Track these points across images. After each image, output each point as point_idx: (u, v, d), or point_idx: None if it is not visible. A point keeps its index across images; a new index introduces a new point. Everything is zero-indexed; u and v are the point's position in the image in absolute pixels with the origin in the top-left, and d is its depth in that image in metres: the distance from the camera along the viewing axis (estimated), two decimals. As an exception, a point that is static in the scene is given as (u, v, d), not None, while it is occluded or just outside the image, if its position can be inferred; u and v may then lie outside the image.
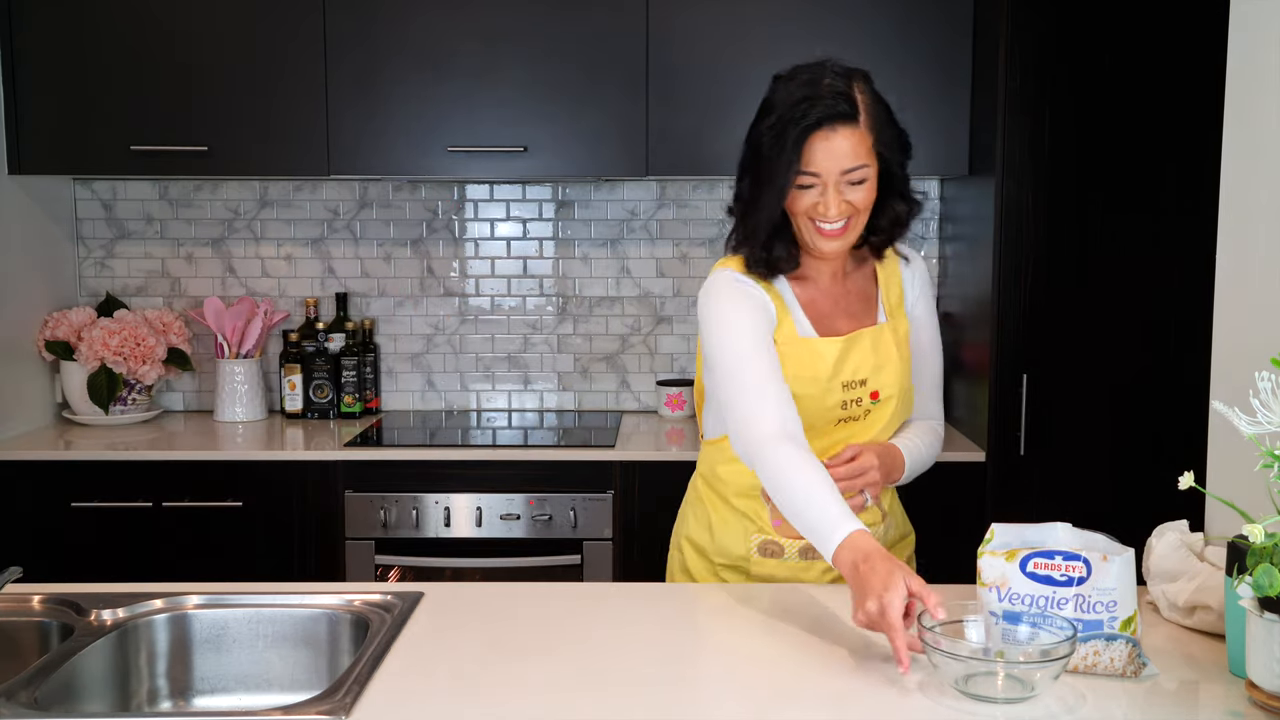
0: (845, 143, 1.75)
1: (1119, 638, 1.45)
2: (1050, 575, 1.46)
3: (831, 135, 1.74)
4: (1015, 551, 1.50)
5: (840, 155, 1.75)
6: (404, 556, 2.99)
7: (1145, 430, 2.89)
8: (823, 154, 1.74)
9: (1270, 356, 1.43)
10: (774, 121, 1.76)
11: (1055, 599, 1.46)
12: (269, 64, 3.12)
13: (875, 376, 1.90)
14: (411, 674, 1.52)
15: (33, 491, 2.98)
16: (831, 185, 1.76)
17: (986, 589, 1.51)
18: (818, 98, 1.74)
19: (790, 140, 1.74)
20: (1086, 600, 1.45)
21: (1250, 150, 1.78)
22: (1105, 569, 1.45)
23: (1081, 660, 1.47)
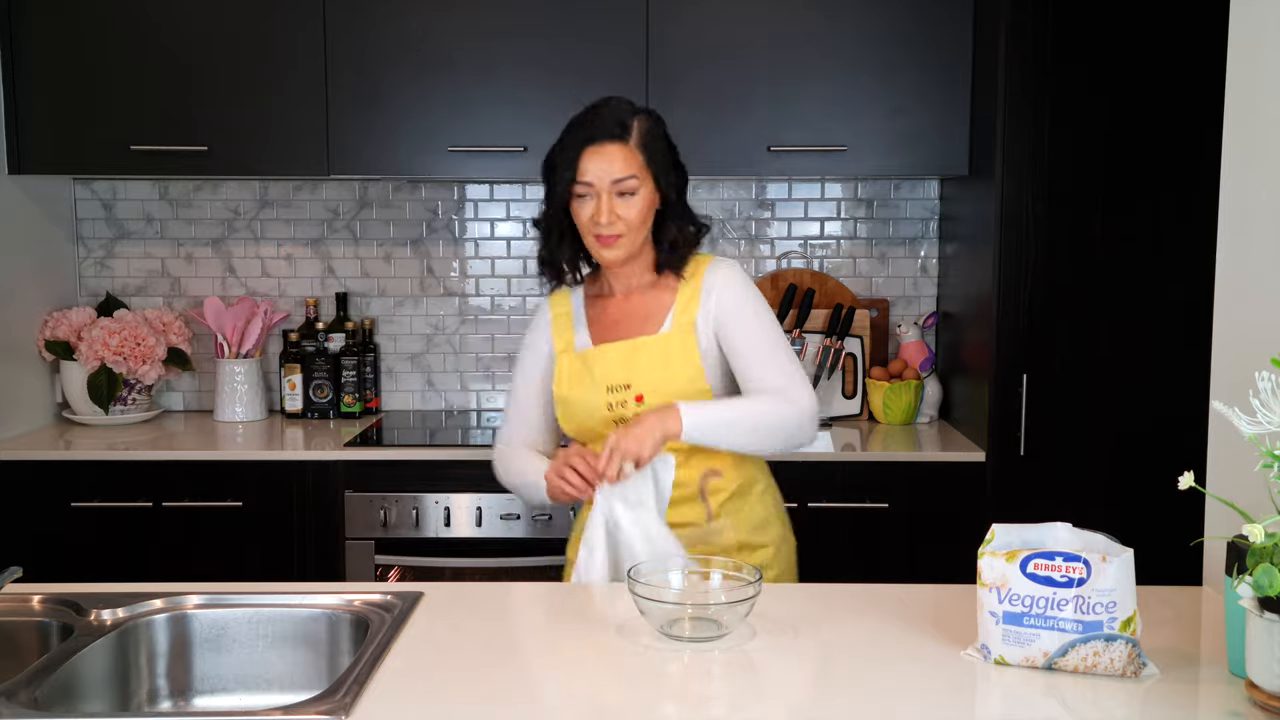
0: (615, 156, 1.98)
1: (1119, 638, 1.46)
2: (1050, 576, 1.47)
3: (602, 149, 1.98)
4: (1016, 552, 1.50)
5: (609, 167, 1.97)
6: (404, 556, 2.99)
7: (1145, 430, 2.89)
8: (593, 164, 1.97)
9: (1270, 356, 1.43)
10: (558, 141, 2.02)
11: (1055, 600, 1.47)
12: (269, 64, 3.12)
13: (639, 380, 2.02)
14: (411, 674, 1.52)
15: (33, 491, 2.98)
16: (604, 194, 1.97)
17: (987, 589, 1.51)
18: (595, 120, 2.00)
19: (568, 155, 1.99)
20: (1086, 601, 1.45)
21: (1250, 150, 1.78)
22: (1104, 570, 1.45)
23: (1081, 661, 1.47)
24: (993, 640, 1.51)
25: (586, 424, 2.06)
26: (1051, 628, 1.47)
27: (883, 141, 3.11)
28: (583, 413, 2.06)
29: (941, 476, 2.97)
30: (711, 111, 3.09)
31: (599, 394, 2.03)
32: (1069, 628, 1.46)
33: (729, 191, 3.51)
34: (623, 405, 2.02)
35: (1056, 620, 1.47)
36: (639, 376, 2.02)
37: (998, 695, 1.47)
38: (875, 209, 3.52)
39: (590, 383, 2.04)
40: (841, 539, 2.90)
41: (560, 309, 2.13)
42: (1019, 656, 1.50)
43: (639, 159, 1.99)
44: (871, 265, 3.53)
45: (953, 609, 1.75)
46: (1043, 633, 1.48)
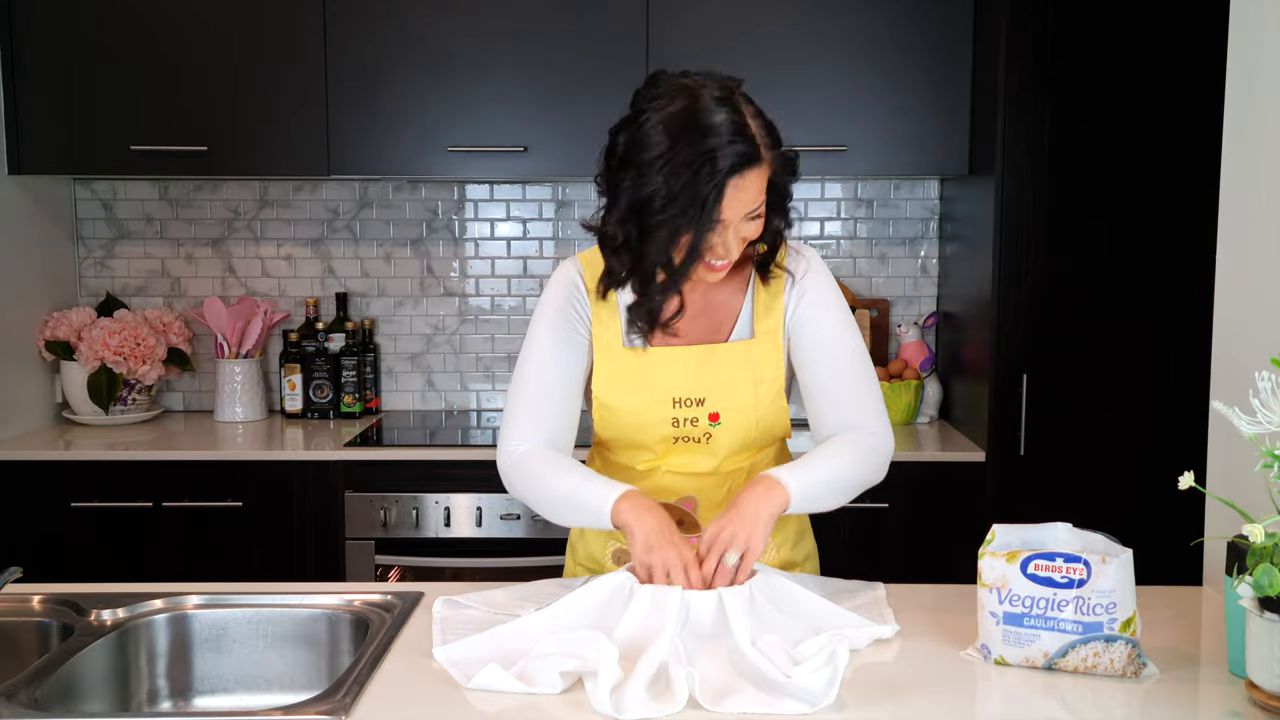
0: (753, 186, 1.59)
1: (1119, 639, 1.46)
2: (1051, 577, 1.47)
3: (741, 183, 1.57)
4: (1016, 553, 1.50)
5: (748, 201, 1.59)
6: (404, 556, 2.99)
7: (1145, 430, 2.89)
8: (733, 203, 1.58)
9: (1270, 356, 1.43)
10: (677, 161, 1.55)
11: (1055, 600, 1.47)
12: (269, 64, 3.12)
13: (716, 396, 1.74)
14: (411, 674, 1.52)
15: (33, 491, 2.98)
16: (733, 228, 1.61)
17: (987, 590, 1.51)
18: (722, 143, 1.55)
19: (704, 191, 1.55)
20: (1086, 602, 1.45)
21: (1250, 150, 1.78)
22: (1104, 570, 1.45)
23: (1082, 661, 1.47)
24: (993, 640, 1.51)
25: (635, 437, 1.76)
26: (1052, 628, 1.47)
27: (883, 141, 3.11)
28: (634, 425, 1.75)
29: (941, 476, 2.97)
30: (711, 111, 3.09)
31: (662, 408, 1.73)
32: (1069, 628, 1.46)
33: (729, 191, 3.51)
34: (693, 423, 1.74)
35: (1057, 621, 1.47)
36: (716, 392, 1.73)
37: (998, 695, 1.47)
38: (875, 209, 3.52)
39: (648, 391, 1.73)
40: (841, 539, 2.90)
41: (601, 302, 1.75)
42: (1019, 657, 1.50)
43: (767, 175, 1.61)
44: (871, 265, 3.53)
45: (953, 609, 1.74)
46: (1043, 633, 1.48)
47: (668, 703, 1.38)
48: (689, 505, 1.81)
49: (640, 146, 1.59)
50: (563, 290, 1.77)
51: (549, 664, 1.44)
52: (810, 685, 1.37)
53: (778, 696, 1.39)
